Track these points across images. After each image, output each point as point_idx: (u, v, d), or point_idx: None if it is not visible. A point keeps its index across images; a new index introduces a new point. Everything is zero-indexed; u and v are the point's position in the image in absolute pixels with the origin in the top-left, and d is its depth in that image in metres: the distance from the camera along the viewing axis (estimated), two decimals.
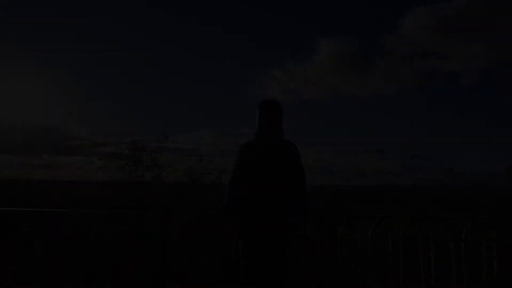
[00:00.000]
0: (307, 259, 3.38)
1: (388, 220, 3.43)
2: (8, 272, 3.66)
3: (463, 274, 3.23)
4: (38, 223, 3.75)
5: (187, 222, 3.99)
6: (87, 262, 3.77)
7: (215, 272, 3.79)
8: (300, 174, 3.14)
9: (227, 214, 3.10)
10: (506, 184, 13.20)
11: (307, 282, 3.35)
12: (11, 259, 3.75)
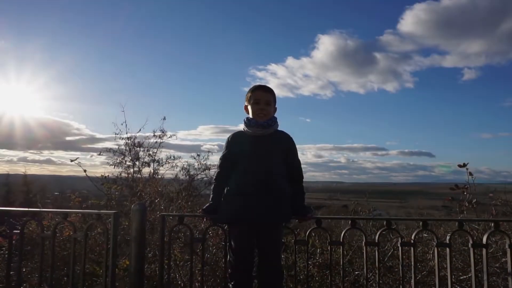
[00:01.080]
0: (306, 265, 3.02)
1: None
2: None
3: None
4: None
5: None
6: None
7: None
8: (297, 166, 2.85)
9: (212, 214, 2.78)
10: None
11: None
12: None
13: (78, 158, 3.76)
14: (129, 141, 10.84)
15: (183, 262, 3.65)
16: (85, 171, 3.96)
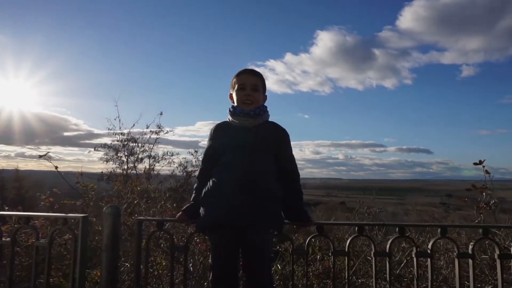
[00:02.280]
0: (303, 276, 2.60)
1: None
2: None
3: None
4: None
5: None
6: None
7: None
8: (290, 163, 2.46)
9: (192, 216, 2.39)
10: None
11: None
12: None
13: (48, 153, 3.30)
14: (122, 137, 10.66)
15: (167, 271, 3.23)
16: (56, 167, 3.52)
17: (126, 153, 10.79)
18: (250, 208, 2.23)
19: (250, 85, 2.45)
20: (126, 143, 10.66)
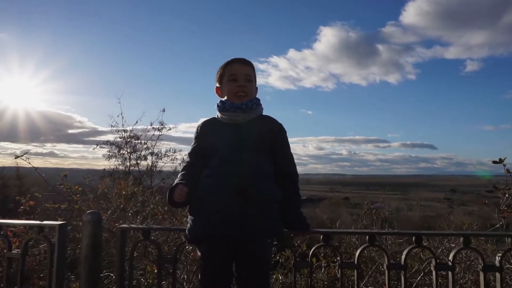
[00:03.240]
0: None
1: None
2: None
3: None
4: None
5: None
6: None
7: None
8: (288, 162, 2.18)
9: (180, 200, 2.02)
10: None
11: None
12: None
13: (26, 153, 3.02)
14: (125, 134, 10.53)
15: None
16: (36, 168, 3.24)
17: (128, 150, 10.73)
18: (246, 217, 1.94)
19: (243, 75, 2.16)
20: (129, 140, 10.56)
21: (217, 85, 2.26)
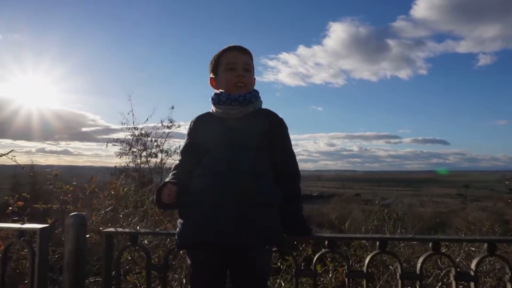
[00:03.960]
0: None
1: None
2: None
3: None
4: None
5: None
6: None
7: None
8: (288, 159, 1.97)
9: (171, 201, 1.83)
10: None
11: None
12: None
13: (12, 150, 2.87)
14: (135, 131, 10.53)
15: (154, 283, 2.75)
16: (23, 167, 3.08)
17: (139, 148, 10.77)
18: (243, 221, 1.74)
19: (242, 64, 1.96)
20: (139, 137, 10.61)
21: (211, 75, 2.05)
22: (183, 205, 1.87)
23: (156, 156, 10.73)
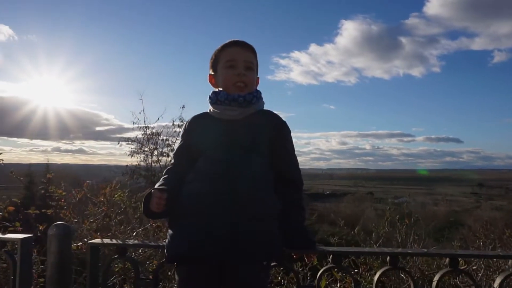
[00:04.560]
0: None
1: None
2: None
3: None
4: None
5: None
6: None
7: None
8: (290, 165, 1.80)
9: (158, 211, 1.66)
10: None
11: None
12: None
13: (1, 153, 2.74)
14: (147, 130, 10.52)
15: None
16: (3, 163, 3.00)
17: (150, 147, 10.81)
18: (239, 234, 1.57)
19: (243, 61, 1.79)
20: (150, 136, 10.64)
21: (211, 72, 1.88)
22: (173, 214, 1.70)
23: (167, 155, 10.72)
